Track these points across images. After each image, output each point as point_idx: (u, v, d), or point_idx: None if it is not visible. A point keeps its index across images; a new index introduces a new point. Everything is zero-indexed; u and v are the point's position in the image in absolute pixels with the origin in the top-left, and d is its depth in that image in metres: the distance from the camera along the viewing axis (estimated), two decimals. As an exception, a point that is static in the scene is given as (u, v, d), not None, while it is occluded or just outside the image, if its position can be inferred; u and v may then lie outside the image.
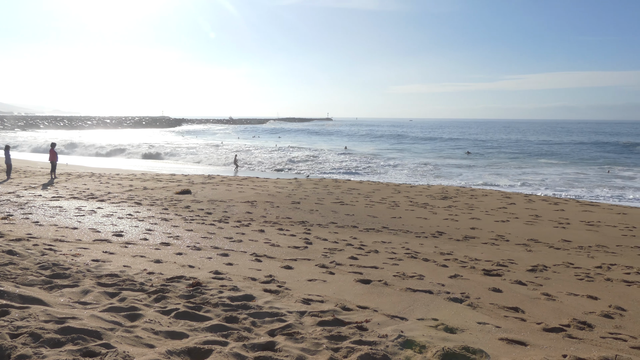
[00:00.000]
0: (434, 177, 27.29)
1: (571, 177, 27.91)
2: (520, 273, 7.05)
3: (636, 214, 14.25)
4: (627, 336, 4.59)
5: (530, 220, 12.57)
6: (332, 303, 4.92)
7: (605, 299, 5.87)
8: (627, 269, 7.58)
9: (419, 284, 6.06)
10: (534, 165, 35.91)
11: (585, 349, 4.10)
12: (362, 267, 6.83)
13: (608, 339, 4.48)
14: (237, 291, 5.05)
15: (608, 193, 21.16)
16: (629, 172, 30.69)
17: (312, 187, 18.16)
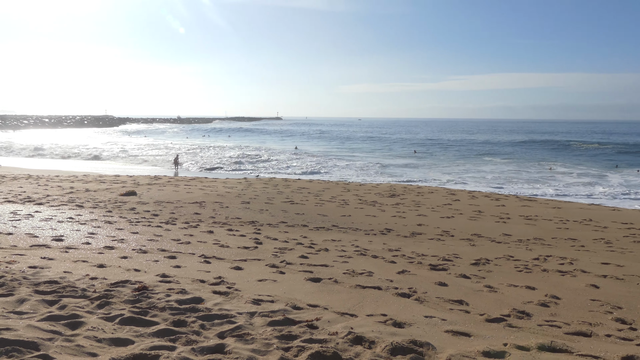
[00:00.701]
0: (383, 175, 27.82)
1: (512, 174, 29.23)
2: (465, 267, 7.32)
3: (569, 208, 15.13)
4: (561, 323, 4.86)
5: (473, 215, 13.06)
6: (283, 302, 4.92)
7: (542, 289, 6.19)
8: (561, 260, 8.04)
9: (369, 280, 6.16)
10: (478, 163, 37.35)
11: (524, 337, 4.30)
12: (312, 266, 6.86)
13: (544, 326, 4.73)
14: (186, 294, 4.95)
15: (545, 189, 22.33)
16: (564, 169, 32.51)
17: (262, 187, 18.05)
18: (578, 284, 6.58)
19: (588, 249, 9.20)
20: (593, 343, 4.29)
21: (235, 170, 29.69)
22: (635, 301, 5.86)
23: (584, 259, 8.28)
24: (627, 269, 7.65)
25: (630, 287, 6.52)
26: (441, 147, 54.71)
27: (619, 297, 5.99)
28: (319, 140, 69.63)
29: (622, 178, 27.21)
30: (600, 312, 5.38)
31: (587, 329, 4.71)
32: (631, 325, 4.93)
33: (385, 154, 46.13)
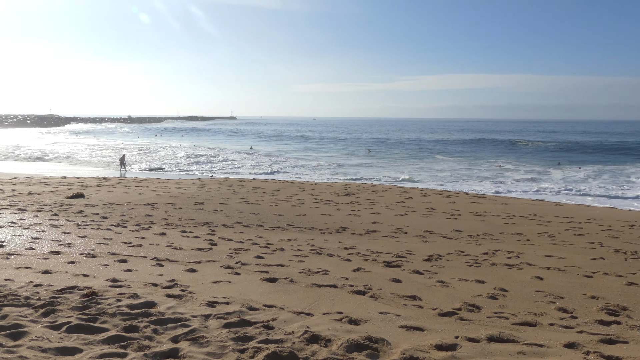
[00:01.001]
0: (338, 174, 28.03)
1: (463, 172, 30.14)
2: (418, 263, 7.49)
3: (515, 204, 15.77)
4: (509, 314, 5.07)
5: (426, 212, 13.39)
6: (238, 304, 4.87)
7: (491, 282, 6.43)
8: (508, 254, 8.38)
9: (324, 279, 6.20)
10: (431, 161, 38.29)
11: (474, 329, 4.46)
12: (268, 266, 6.83)
13: (493, 318, 4.91)
14: (137, 298, 4.81)
15: (494, 186, 23.16)
16: (511, 166, 33.84)
17: (216, 187, 17.80)
18: (524, 276, 6.87)
19: (533, 243, 9.62)
20: (538, 332, 4.50)
21: (189, 170, 29.11)
22: (575, 291, 6.18)
23: (530, 252, 8.65)
24: (568, 260, 8.06)
25: (571, 278, 6.88)
26: (395, 146, 55.71)
27: (561, 288, 6.30)
28: (274, 140, 69.37)
29: (564, 174, 28.62)
30: (544, 302, 5.65)
31: (533, 319, 4.93)
32: (572, 314, 5.19)
33: (341, 153, 46.51)
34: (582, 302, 5.73)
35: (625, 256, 8.51)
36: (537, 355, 3.83)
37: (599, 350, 3.99)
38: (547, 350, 3.93)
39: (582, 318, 5.06)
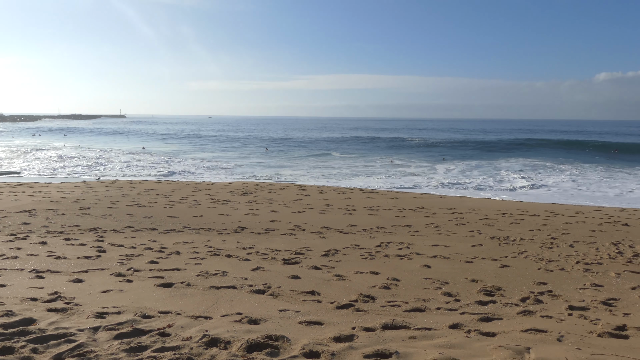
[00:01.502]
0: (235, 173, 27.66)
1: (358, 168, 31.31)
2: (316, 259, 7.66)
3: (405, 198, 16.74)
4: (401, 302, 5.38)
5: (322, 209, 13.71)
6: (131, 312, 4.62)
7: (384, 273, 6.77)
8: (399, 245, 8.88)
9: (223, 280, 6.10)
10: (327, 158, 39.24)
11: (370, 319, 4.67)
12: (163, 271, 6.56)
13: (387, 307, 5.19)
14: (13, 316, 4.36)
15: (386, 181, 24.37)
16: (401, 162, 35.85)
17: (104, 190, 16.66)
18: (414, 265, 7.33)
19: (421, 234, 10.29)
20: (427, 317, 4.83)
21: (72, 173, 26.89)
22: (458, 276, 6.73)
23: (418, 242, 9.25)
24: (452, 248, 8.75)
25: (454, 264, 7.47)
26: (292, 145, 56.26)
27: (446, 274, 6.82)
28: (168, 139, 66.50)
29: (448, 169, 30.95)
30: (432, 288, 6.08)
31: (422, 304, 5.28)
32: (456, 297, 5.65)
33: (238, 152, 45.92)
34: (464, 285, 6.25)
35: (499, 242, 9.44)
36: (426, 338, 4.11)
37: (478, 328, 4.39)
38: (434, 333, 4.24)
39: (464, 300, 5.53)
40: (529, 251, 8.55)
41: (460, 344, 3.89)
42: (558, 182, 25.02)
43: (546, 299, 5.69)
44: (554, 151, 45.90)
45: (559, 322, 4.70)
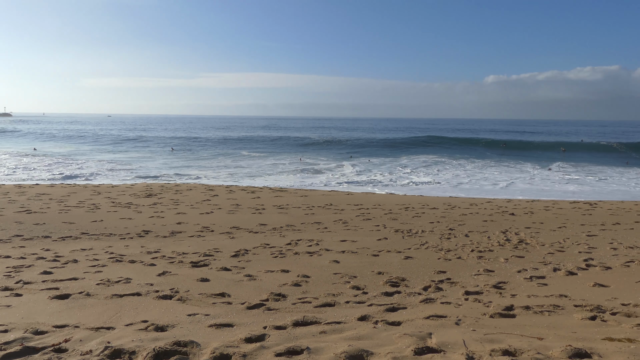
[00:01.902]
0: (138, 175, 26.33)
1: (268, 167, 31.22)
2: (225, 260, 7.53)
3: (314, 196, 17.01)
4: (311, 298, 5.47)
5: (232, 209, 13.52)
6: (21, 329, 4.23)
7: (295, 270, 6.83)
8: (309, 242, 9.01)
9: (126, 287, 5.79)
10: (237, 158, 38.66)
11: (281, 317, 4.69)
12: (58, 281, 6.08)
13: (298, 304, 5.24)
14: None
15: (295, 180, 24.56)
16: (311, 160, 36.32)
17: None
18: (323, 261, 7.48)
19: (330, 230, 10.52)
20: (337, 311, 4.96)
21: (-54, 178, 23.96)
22: (366, 269, 6.98)
23: (327, 239, 9.44)
24: (360, 243, 9.05)
25: (362, 258, 7.74)
26: (199, 144, 54.71)
27: (354, 268, 7.04)
28: (63, 139, 61.57)
29: (355, 167, 31.90)
30: (341, 283, 6.24)
31: (332, 299, 5.41)
32: (363, 290, 5.86)
33: (141, 152, 43.73)
34: (371, 278, 6.50)
35: (402, 234, 9.92)
36: (336, 331, 4.21)
37: (385, 319, 4.59)
38: (344, 326, 4.36)
39: (371, 292, 5.75)
40: (430, 242, 9.08)
41: (368, 335, 4.03)
42: (455, 176, 26.83)
43: (445, 287, 6.08)
44: (451, 148, 49.13)
45: (457, 307, 5.05)
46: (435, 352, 3.52)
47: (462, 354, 3.41)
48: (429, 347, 3.60)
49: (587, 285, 6.07)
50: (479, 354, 3.41)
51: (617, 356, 3.38)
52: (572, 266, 7.15)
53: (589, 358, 3.35)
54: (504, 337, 3.83)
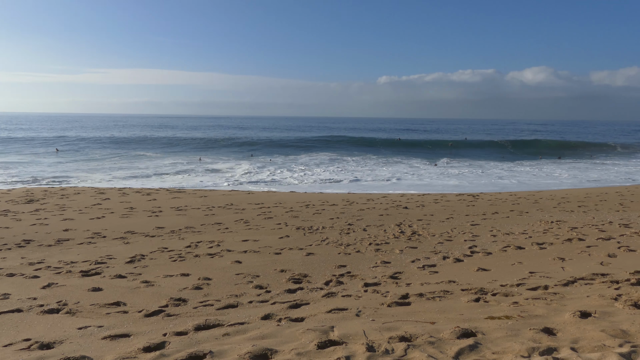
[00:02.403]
0: (17, 179, 23.86)
1: (166, 167, 29.92)
2: (120, 267, 7.12)
3: (214, 196, 16.65)
4: (213, 301, 5.36)
5: (126, 213, 12.78)
6: None
7: (195, 273, 6.65)
8: (210, 244, 8.81)
9: (4, 304, 5.24)
10: (132, 159, 36.53)
11: (182, 323, 4.54)
12: None
13: (199, 307, 5.11)
14: None
15: (194, 180, 23.84)
16: (210, 159, 35.45)
17: None
18: (225, 262, 7.36)
19: (232, 230, 10.37)
20: (240, 312, 4.91)
21: None
22: (268, 268, 6.99)
23: (229, 239, 9.30)
24: (262, 242, 9.03)
25: (264, 257, 7.74)
26: (88, 144, 50.85)
27: (257, 267, 7.02)
28: None
29: (255, 166, 31.72)
30: (244, 283, 6.19)
31: (235, 300, 5.35)
32: (266, 289, 5.87)
33: (21, 154, 39.61)
34: (274, 276, 6.52)
35: (304, 232, 10.07)
36: (240, 332, 4.17)
37: (288, 316, 4.63)
38: (247, 327, 4.33)
39: (274, 291, 5.78)
40: (330, 238, 9.32)
41: (272, 333, 4.05)
42: (352, 173, 27.78)
43: (346, 280, 6.29)
44: (349, 146, 50.75)
45: (357, 299, 5.25)
46: (337, 345, 3.63)
47: (362, 343, 3.56)
48: (332, 340, 3.71)
49: (472, 271, 6.62)
50: (378, 342, 3.58)
51: (497, 332, 3.73)
52: (459, 254, 7.76)
53: (474, 336, 3.67)
54: (400, 325, 4.06)
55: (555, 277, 5.93)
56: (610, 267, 6.38)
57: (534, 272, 6.28)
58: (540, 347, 3.32)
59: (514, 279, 5.96)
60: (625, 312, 4.15)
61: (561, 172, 29.36)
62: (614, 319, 3.97)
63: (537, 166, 33.53)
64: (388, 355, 3.33)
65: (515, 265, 6.86)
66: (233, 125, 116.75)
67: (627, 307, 4.30)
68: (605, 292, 4.88)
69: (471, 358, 3.21)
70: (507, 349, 3.34)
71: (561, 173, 29.02)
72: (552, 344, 3.40)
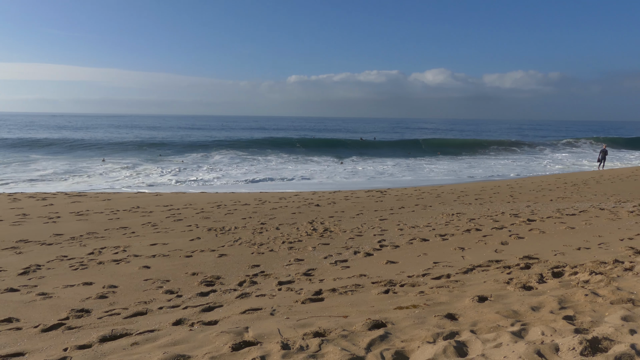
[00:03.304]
0: None
1: (64, 170, 27.75)
2: (11, 279, 6.51)
3: (119, 199, 15.78)
4: (120, 309, 5.08)
5: (17, 220, 11.70)
6: None
7: (100, 282, 6.26)
8: (115, 249, 8.34)
9: None
10: (24, 161, 33.40)
11: (85, 335, 4.26)
12: None
13: (105, 317, 4.82)
14: None
15: (97, 182, 22.38)
16: (113, 161, 33.45)
17: None
18: (132, 268, 7.01)
19: (138, 234, 9.89)
20: (149, 319, 4.71)
21: None
22: (179, 272, 6.77)
23: (136, 244, 8.87)
24: (171, 245, 8.72)
25: (174, 261, 7.48)
26: (-33, 145, 45.80)
27: (166, 272, 6.76)
28: None
29: (163, 167, 30.49)
30: (153, 289, 5.94)
31: (144, 307, 5.11)
32: (177, 294, 5.68)
33: None
34: (185, 280, 6.33)
35: (216, 232, 9.88)
36: (150, 340, 4.00)
37: (201, 319, 4.52)
38: (158, 334, 4.17)
39: (186, 295, 5.61)
40: (243, 238, 9.23)
41: (184, 338, 3.93)
42: (265, 171, 27.68)
43: (260, 280, 6.27)
44: (261, 145, 50.48)
45: (271, 298, 5.25)
46: (252, 345, 3.61)
47: (277, 342, 3.57)
48: (246, 341, 3.68)
49: (382, 264, 6.90)
50: (292, 340, 3.61)
51: (405, 321, 3.93)
52: (369, 248, 8.05)
53: (385, 327, 3.83)
54: (314, 320, 4.12)
55: (457, 265, 6.35)
56: (503, 253, 6.97)
57: (437, 262, 6.68)
58: (444, 332, 3.55)
59: (420, 269, 6.30)
60: (516, 294, 4.56)
61: (456, 167, 31.56)
62: (507, 300, 4.35)
63: (436, 162, 35.73)
64: (303, 352, 3.37)
65: (421, 256, 7.25)
66: (138, 125, 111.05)
67: (517, 289, 4.72)
68: (499, 277, 5.32)
69: (382, 348, 3.35)
70: (415, 336, 3.53)
71: (456, 167, 31.19)
72: (455, 328, 3.65)
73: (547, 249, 7.00)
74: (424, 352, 3.19)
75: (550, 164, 35.70)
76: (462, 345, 3.25)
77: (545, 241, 7.79)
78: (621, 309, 3.79)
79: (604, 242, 7.23)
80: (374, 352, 3.27)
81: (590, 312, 3.82)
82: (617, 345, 2.97)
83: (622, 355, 2.80)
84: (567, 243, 7.41)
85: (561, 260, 6.10)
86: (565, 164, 36.24)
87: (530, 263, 5.99)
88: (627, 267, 5.26)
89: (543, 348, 3.00)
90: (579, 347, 2.93)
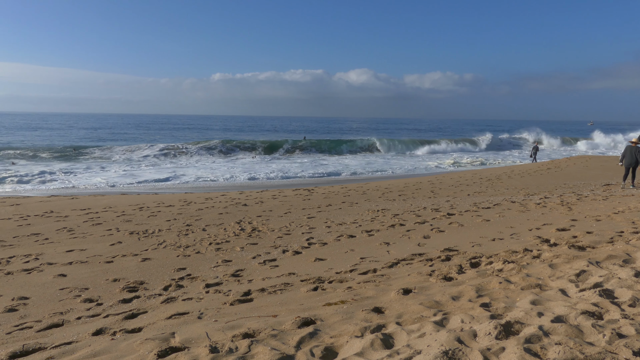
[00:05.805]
0: None
1: (-44, 173, 25.30)
2: None
3: (29, 203, 14.67)
4: (33, 322, 4.73)
5: None
6: None
7: (8, 294, 5.79)
8: (26, 258, 7.75)
9: None
10: None
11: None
12: None
13: (15, 332, 4.47)
14: None
15: (5, 187, 20.66)
16: (24, 163, 31.02)
17: None
18: (46, 277, 6.55)
19: (53, 241, 9.25)
20: (66, 330, 4.43)
21: None
22: (99, 279, 6.42)
23: (50, 251, 8.29)
24: (90, 251, 8.24)
25: (93, 267, 7.08)
26: None
27: (85, 279, 6.39)
28: None
29: (83, 167, 28.73)
30: (70, 298, 5.59)
31: (59, 318, 4.80)
32: (97, 302, 5.39)
33: None
34: (105, 287, 6.01)
35: (138, 236, 9.47)
36: (67, 353, 3.77)
37: (124, 327, 4.32)
38: (76, 346, 3.93)
39: (107, 302, 5.33)
40: (168, 241, 8.92)
41: (105, 349, 3.74)
42: (194, 173, 26.93)
43: (186, 283, 6.10)
44: (186, 145, 49.05)
45: (199, 301, 5.12)
46: (179, 351, 3.50)
47: (205, 346, 3.49)
48: (173, 347, 3.57)
49: (310, 261, 6.96)
50: (221, 342, 3.55)
51: (334, 317, 3.99)
52: (297, 246, 8.08)
53: (314, 324, 3.87)
54: (243, 322, 4.08)
55: (382, 260, 6.55)
56: (425, 247, 7.28)
57: (364, 258, 6.85)
58: (371, 325, 3.65)
59: (348, 265, 6.43)
60: (438, 285, 4.79)
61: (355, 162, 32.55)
62: (430, 292, 4.55)
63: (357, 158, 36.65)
64: (232, 354, 3.33)
65: (348, 252, 7.40)
66: (49, 126, 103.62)
67: (439, 280, 4.96)
68: (422, 270, 5.56)
69: (311, 345, 3.39)
70: (343, 331, 3.60)
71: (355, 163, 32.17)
72: (381, 321, 3.76)
73: (466, 241, 7.40)
74: (352, 347, 3.27)
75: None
76: (388, 337, 3.36)
77: (463, 234, 8.24)
78: (530, 294, 4.10)
79: (515, 233, 7.78)
80: (303, 349, 3.30)
81: (504, 298, 4.09)
82: (527, 327, 3.20)
83: (532, 336, 3.03)
84: (483, 235, 7.89)
85: (478, 251, 6.49)
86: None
87: (451, 255, 6.31)
88: (535, 255, 5.70)
89: (462, 335, 3.17)
90: (494, 331, 3.14)
